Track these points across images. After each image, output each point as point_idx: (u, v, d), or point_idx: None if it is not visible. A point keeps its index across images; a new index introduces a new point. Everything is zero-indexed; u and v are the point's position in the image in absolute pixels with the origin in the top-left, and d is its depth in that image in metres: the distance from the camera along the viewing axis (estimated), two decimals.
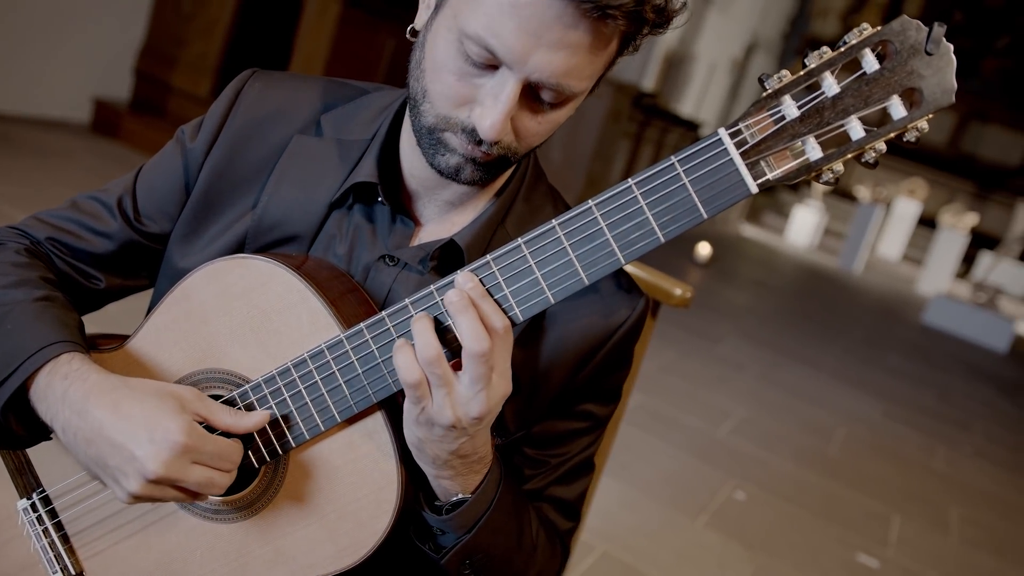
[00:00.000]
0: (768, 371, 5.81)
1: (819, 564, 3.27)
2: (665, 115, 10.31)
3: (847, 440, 4.85)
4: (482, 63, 0.90)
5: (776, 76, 0.80)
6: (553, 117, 0.95)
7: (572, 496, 1.15)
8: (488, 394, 0.88)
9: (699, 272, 8.76)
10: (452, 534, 1.00)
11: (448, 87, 0.93)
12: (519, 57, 0.87)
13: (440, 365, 0.87)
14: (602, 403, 1.13)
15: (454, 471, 0.95)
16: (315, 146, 1.10)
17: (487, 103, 0.91)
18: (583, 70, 0.90)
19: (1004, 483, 4.95)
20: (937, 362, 8.11)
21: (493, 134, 0.91)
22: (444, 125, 0.95)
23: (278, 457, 1.00)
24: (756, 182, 0.81)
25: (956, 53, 0.79)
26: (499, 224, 1.06)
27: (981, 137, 18.12)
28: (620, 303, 1.07)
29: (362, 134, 1.09)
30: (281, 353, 0.98)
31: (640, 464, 3.62)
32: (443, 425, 0.89)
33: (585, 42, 0.87)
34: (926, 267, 13.68)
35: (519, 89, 0.89)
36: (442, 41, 0.92)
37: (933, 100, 0.78)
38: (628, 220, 0.84)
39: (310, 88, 1.15)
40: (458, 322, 0.87)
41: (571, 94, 0.92)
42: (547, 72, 0.88)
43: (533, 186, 1.11)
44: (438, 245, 1.04)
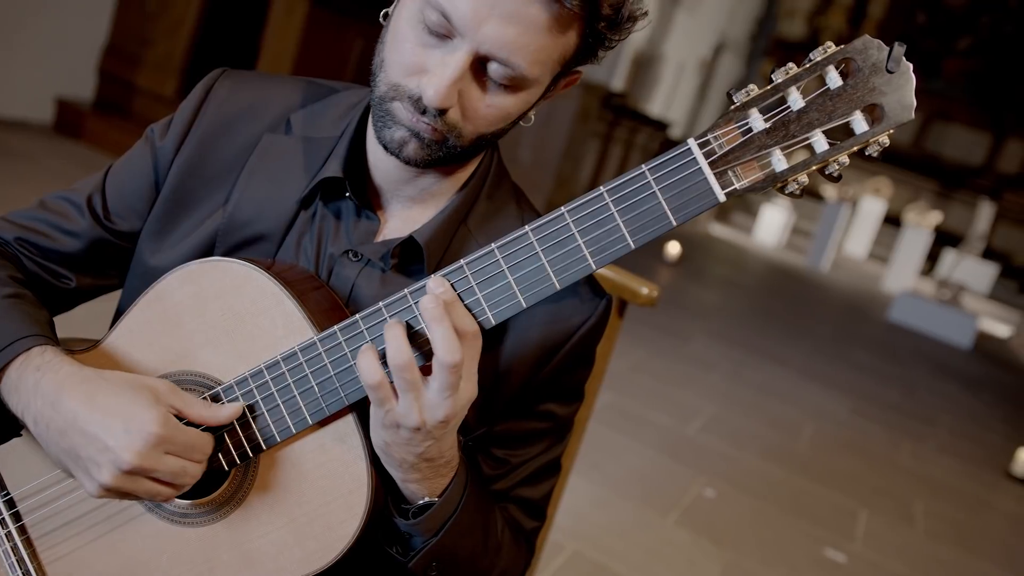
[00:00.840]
0: (737, 369, 5.88)
1: (787, 559, 3.32)
2: (634, 115, 10.37)
3: (815, 436, 4.92)
4: (438, 31, 0.92)
5: (744, 90, 0.83)
6: (502, 102, 0.97)
7: (538, 496, 1.16)
8: (455, 399, 0.90)
9: (669, 271, 8.84)
10: (419, 537, 1.01)
11: (403, 55, 0.95)
12: (471, 24, 0.89)
13: (411, 371, 0.89)
14: (564, 402, 1.14)
15: (421, 475, 0.97)
16: (284, 144, 1.11)
17: (435, 71, 0.93)
18: (535, 50, 0.91)
19: (967, 476, 5.05)
20: (903, 359, 8.25)
21: (437, 100, 0.92)
22: (394, 93, 0.97)
23: (248, 459, 1.00)
24: (724, 191, 0.83)
25: (919, 54, 0.82)
26: (461, 222, 1.07)
27: (944, 137, 18.43)
28: (583, 302, 1.08)
29: (331, 131, 1.11)
30: (254, 356, 0.98)
31: (610, 463, 3.65)
32: (408, 427, 0.91)
33: (539, 20, 0.89)
34: (891, 265, 13.89)
35: (468, 59, 0.91)
36: (406, 11, 0.95)
37: (894, 116, 0.81)
38: (599, 227, 0.87)
39: (280, 87, 1.16)
40: (432, 330, 0.88)
41: (520, 76, 0.93)
42: (497, 44, 0.90)
43: (496, 184, 1.12)
44: (398, 242, 1.05)
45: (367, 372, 0.90)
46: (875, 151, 0.83)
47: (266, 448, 0.99)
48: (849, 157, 0.83)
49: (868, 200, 16.24)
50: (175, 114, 1.15)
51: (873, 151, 0.83)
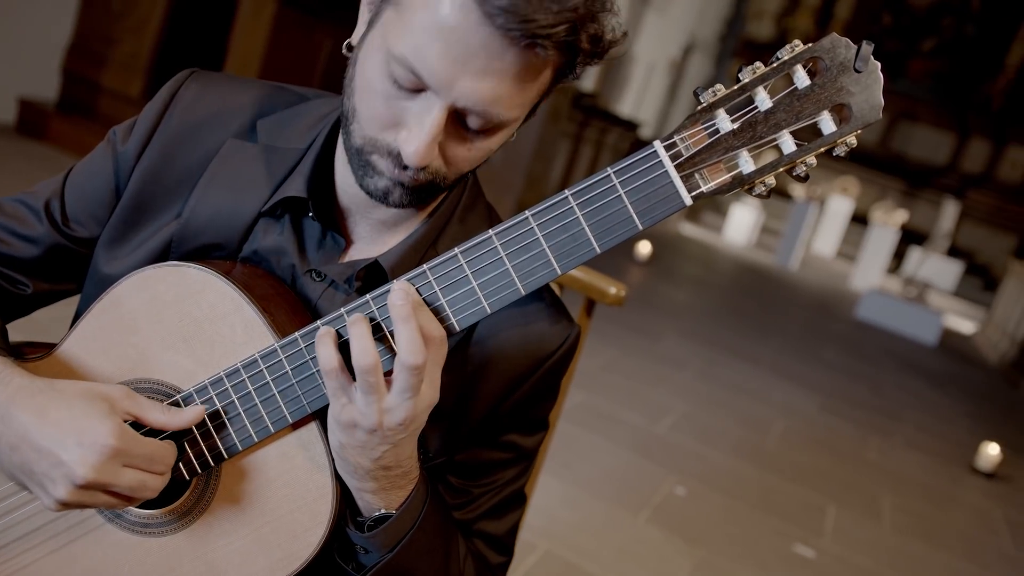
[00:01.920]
0: (707, 367, 5.91)
1: (757, 556, 3.34)
2: (605, 115, 10.40)
3: (784, 433, 4.96)
4: (409, 86, 0.88)
5: (711, 90, 0.82)
6: (483, 144, 0.94)
7: (502, 531, 1.13)
8: (415, 402, 0.87)
9: (639, 270, 8.86)
10: (375, 553, 0.98)
11: (375, 109, 0.91)
12: (444, 82, 0.85)
13: (375, 374, 0.86)
14: (528, 434, 1.11)
15: (377, 484, 0.94)
16: (248, 152, 1.07)
17: (413, 128, 0.89)
18: (511, 99, 0.88)
19: (933, 471, 5.12)
20: (870, 356, 8.34)
21: (417, 160, 0.89)
22: (371, 147, 0.93)
23: (210, 469, 0.98)
24: (691, 194, 0.82)
25: (885, 54, 0.81)
26: (430, 246, 1.04)
27: (910, 137, 18.66)
28: (551, 332, 1.05)
29: (297, 143, 1.07)
30: (214, 363, 0.96)
31: (581, 462, 3.65)
32: (365, 428, 0.88)
33: (513, 70, 0.85)
34: (859, 263, 14.05)
35: (444, 115, 0.88)
36: (372, 61, 0.90)
37: (861, 116, 0.81)
38: (565, 231, 0.85)
39: (249, 91, 1.12)
40: (399, 330, 0.85)
41: (500, 122, 0.91)
42: (473, 99, 0.86)
43: (470, 207, 1.09)
44: (363, 265, 1.02)
45: (325, 358, 0.87)
46: (843, 151, 0.82)
47: (228, 457, 0.97)
48: (817, 158, 0.82)
49: (836, 199, 16.41)
50: (139, 117, 1.11)
51: (841, 151, 0.82)
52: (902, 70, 18.65)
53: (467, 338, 1.04)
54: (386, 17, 0.89)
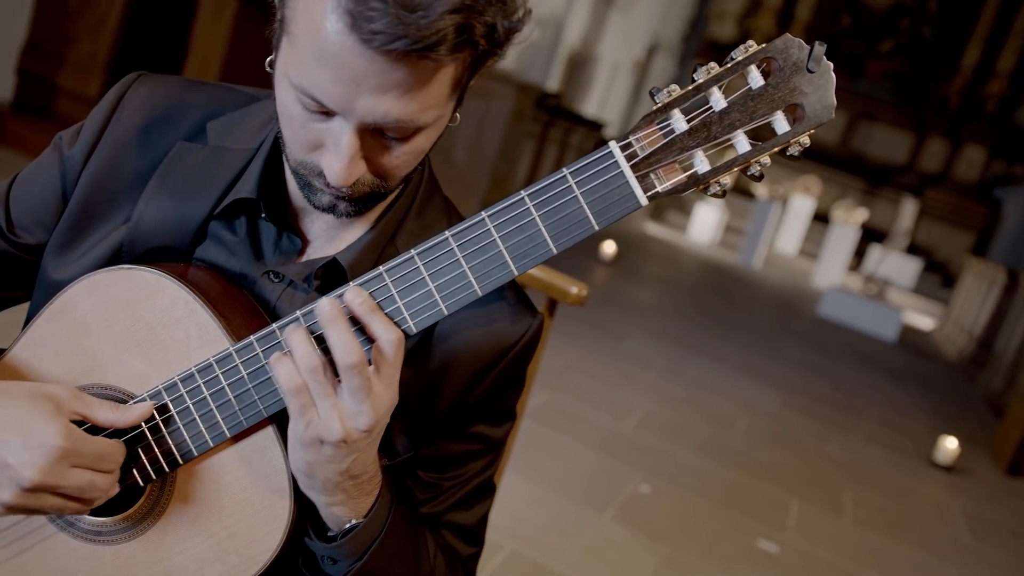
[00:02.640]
0: (672, 366, 5.95)
1: (721, 551, 3.36)
2: (569, 115, 10.43)
3: (748, 430, 5.00)
4: (317, 110, 0.87)
5: (666, 90, 0.82)
6: (409, 149, 0.92)
7: (472, 521, 1.13)
8: (373, 404, 0.86)
9: (604, 270, 8.90)
10: (344, 562, 0.97)
11: (296, 133, 0.91)
12: (343, 106, 0.85)
13: (323, 374, 0.86)
14: (495, 424, 1.11)
15: (346, 494, 0.93)
16: (198, 154, 1.06)
17: (331, 150, 0.89)
18: (419, 105, 0.86)
19: (893, 465, 5.20)
20: (832, 352, 8.45)
21: (340, 180, 0.89)
22: (304, 169, 0.94)
23: (165, 474, 0.97)
24: (646, 194, 0.82)
25: (844, 55, 0.82)
26: (388, 242, 1.04)
27: (870, 136, 18.95)
28: (514, 323, 1.05)
29: (247, 144, 1.06)
30: (168, 367, 0.95)
31: (547, 462, 3.65)
32: (332, 441, 0.87)
33: (411, 80, 0.83)
34: (820, 261, 14.24)
35: (356, 134, 0.87)
36: (282, 88, 0.90)
37: (814, 116, 0.81)
38: (521, 232, 0.85)
39: (198, 93, 1.10)
40: (328, 335, 0.85)
41: (416, 127, 0.89)
42: (378, 115, 0.85)
43: (427, 201, 1.08)
44: (321, 263, 1.01)
45: (285, 378, 0.86)
46: (796, 151, 0.83)
47: (183, 462, 0.96)
48: (771, 157, 0.83)
49: (798, 198, 16.62)
50: (85, 121, 1.09)
51: (794, 151, 0.83)
52: (861, 71, 18.93)
53: (429, 333, 1.03)
54: (284, 46, 0.89)
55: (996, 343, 8.68)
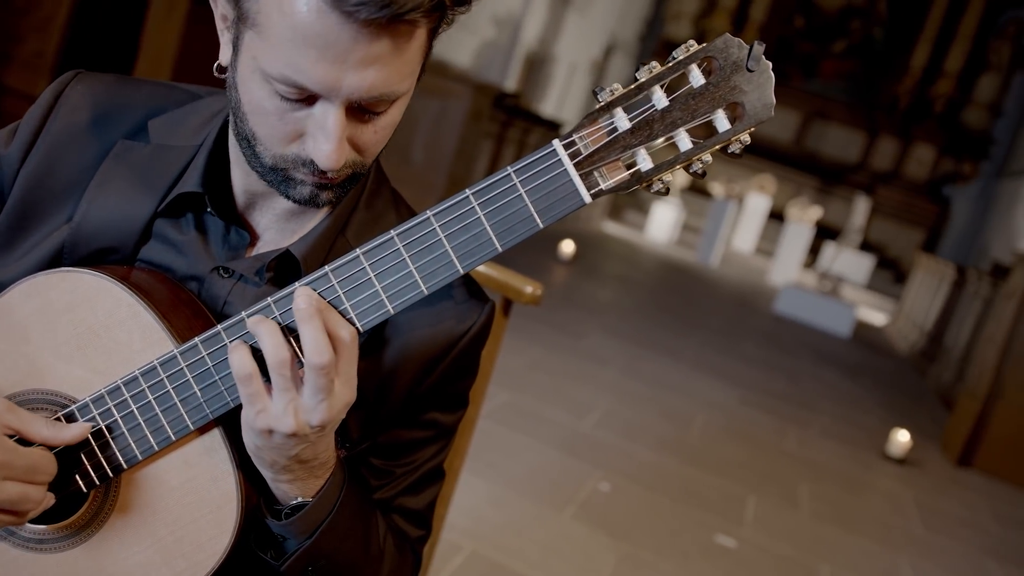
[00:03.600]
0: (631, 364, 5.99)
1: (680, 548, 3.40)
2: (527, 115, 10.45)
3: (706, 427, 5.06)
4: (298, 98, 0.88)
5: (608, 89, 0.83)
6: (387, 122, 0.94)
7: (421, 505, 1.14)
8: (330, 403, 0.87)
9: (563, 269, 8.94)
10: (293, 540, 0.98)
11: (274, 128, 0.91)
12: (330, 86, 0.85)
13: (290, 368, 0.86)
14: (448, 411, 1.12)
15: (293, 475, 0.93)
16: (139, 152, 1.04)
17: (318, 136, 0.89)
18: (399, 74, 0.88)
19: (847, 459, 5.29)
20: (787, 348, 8.57)
21: (331, 163, 0.89)
22: (284, 163, 0.93)
23: (109, 480, 0.95)
24: (590, 192, 0.83)
25: (798, 56, 0.83)
26: (339, 233, 1.04)
27: (823, 135, 19.24)
28: (466, 310, 1.06)
29: (190, 140, 1.05)
30: (111, 371, 0.93)
31: (507, 461, 3.66)
32: (283, 432, 0.87)
33: (391, 49, 0.85)
34: (776, 259, 14.43)
35: (343, 114, 0.88)
36: (252, 84, 0.89)
37: (754, 114, 0.83)
38: (466, 231, 0.85)
39: (138, 91, 1.09)
40: (303, 331, 0.85)
41: (396, 97, 0.91)
42: (364, 90, 0.86)
43: (375, 192, 1.09)
44: (274, 256, 1.01)
45: (239, 365, 0.86)
46: (737, 148, 0.84)
47: (127, 468, 0.94)
48: (712, 155, 0.84)
49: (754, 197, 16.82)
50: (21, 120, 1.07)
51: (735, 148, 0.84)
52: (814, 71, 19.23)
53: (383, 324, 1.04)
54: (249, 40, 0.88)
55: (946, 338, 8.87)
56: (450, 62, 10.69)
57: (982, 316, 7.43)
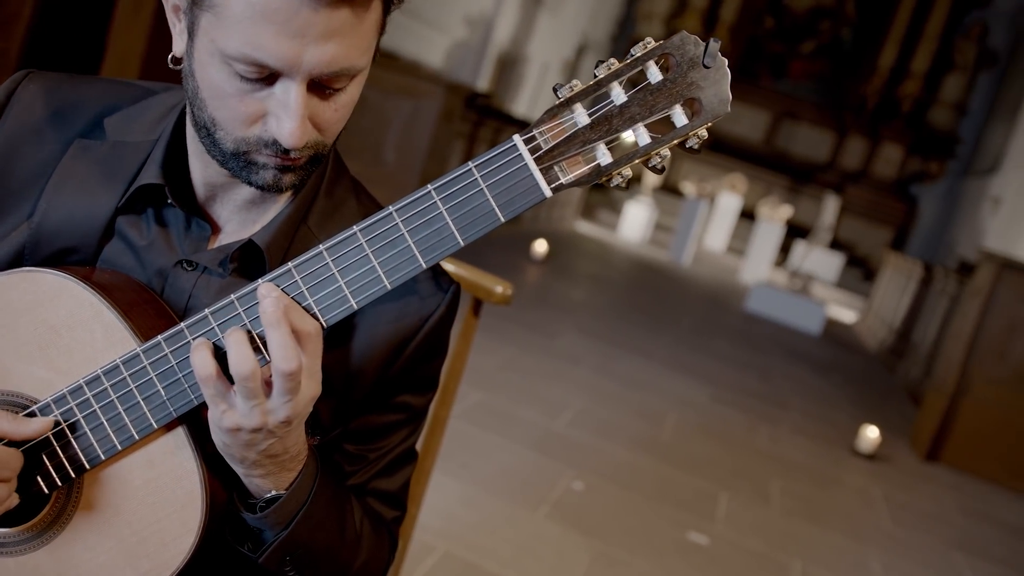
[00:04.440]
0: (603, 363, 6.02)
1: (653, 545, 3.42)
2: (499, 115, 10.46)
3: (678, 424, 5.09)
4: (258, 77, 0.88)
5: (568, 85, 0.84)
6: (347, 99, 0.95)
7: (395, 487, 1.15)
8: (296, 400, 0.87)
9: (536, 269, 8.95)
10: (269, 531, 0.98)
11: (234, 110, 0.91)
12: (291, 62, 0.86)
13: (254, 380, 0.86)
14: (419, 393, 1.13)
15: (265, 470, 0.94)
16: (96, 150, 1.04)
17: (280, 114, 0.90)
18: (358, 47, 0.90)
19: (818, 455, 5.35)
20: (759, 346, 8.65)
21: (295, 141, 0.90)
22: (246, 147, 0.93)
23: (71, 480, 0.94)
24: (550, 186, 0.84)
25: (769, 56, 0.84)
26: (301, 221, 1.04)
27: (793, 135, 19.43)
28: (430, 293, 1.08)
29: (147, 135, 1.05)
30: (73, 371, 0.92)
31: (479, 461, 3.66)
32: (248, 429, 0.88)
33: (350, 21, 0.87)
34: (747, 257, 14.54)
35: (305, 90, 0.89)
36: (211, 68, 0.90)
37: (711, 109, 0.84)
38: (429, 226, 0.86)
39: (92, 89, 1.09)
40: (270, 337, 0.85)
41: (355, 72, 0.92)
42: (324, 65, 0.87)
43: (335, 180, 1.09)
44: (237, 247, 1.01)
45: (201, 365, 0.86)
46: (695, 143, 0.85)
47: (90, 468, 0.93)
48: (671, 150, 0.85)
49: (725, 196, 16.95)
50: None
51: (693, 144, 0.85)
52: (784, 71, 19.42)
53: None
54: (205, 23, 0.89)
55: (914, 334, 8.99)
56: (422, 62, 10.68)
57: (949, 313, 7.54)
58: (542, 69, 16.42)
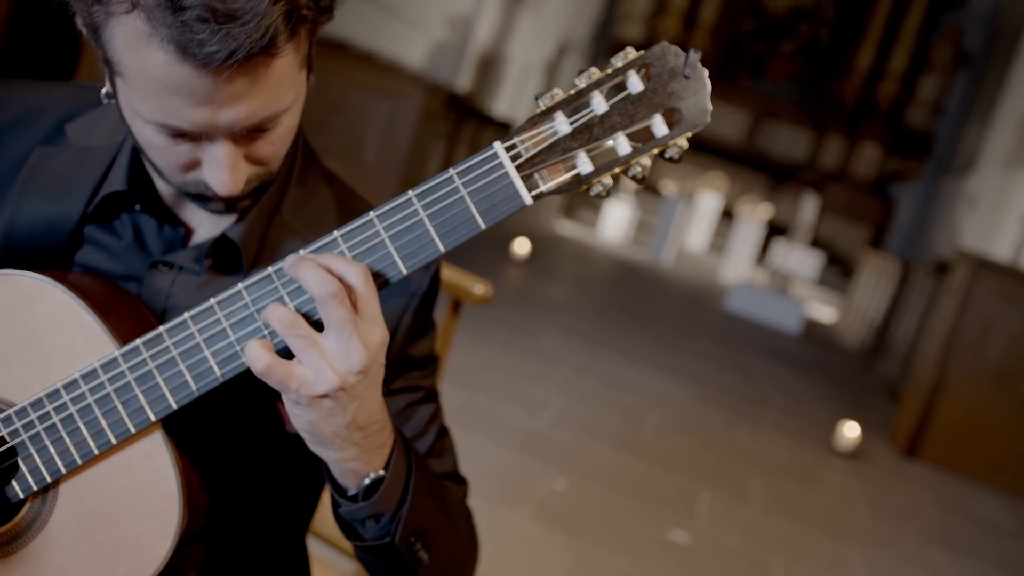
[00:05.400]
0: (585, 362, 6.03)
1: (634, 544, 3.43)
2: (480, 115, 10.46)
3: (659, 423, 5.11)
4: (181, 136, 0.88)
5: (549, 94, 0.85)
6: (281, 132, 0.94)
7: (451, 466, 1.18)
8: (363, 340, 0.84)
9: (518, 269, 8.96)
10: (385, 515, 0.94)
11: (168, 160, 0.91)
12: (207, 126, 0.86)
13: (301, 326, 0.83)
14: (422, 369, 1.14)
15: (358, 448, 0.90)
16: (60, 157, 1.04)
17: (211, 166, 0.90)
18: (276, 96, 0.87)
19: (797, 453, 5.39)
20: (739, 346, 8.69)
21: (229, 190, 0.90)
22: (189, 188, 0.94)
23: (47, 486, 0.94)
24: (531, 194, 0.85)
25: (748, 57, 0.85)
26: (274, 212, 1.04)
27: (773, 134, 19.54)
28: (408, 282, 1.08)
29: (110, 139, 1.04)
30: (51, 375, 0.92)
31: (461, 461, 3.64)
32: (329, 389, 0.84)
33: (262, 78, 0.84)
34: (728, 257, 14.61)
35: (230, 143, 0.88)
36: (137, 124, 0.90)
37: (691, 119, 0.85)
38: (410, 232, 0.86)
39: (52, 94, 1.08)
40: (299, 275, 0.83)
41: (283, 112, 0.91)
42: (243, 121, 0.86)
43: (306, 169, 1.09)
44: (210, 242, 1.01)
45: (254, 360, 0.84)
46: (675, 153, 0.86)
47: (66, 472, 0.93)
48: (650, 159, 0.86)
49: (706, 195, 17.02)
50: None
51: (673, 153, 0.86)
52: (764, 71, 19.53)
53: None
54: (120, 87, 0.89)
55: (892, 333, 9.07)
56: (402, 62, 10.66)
57: (926, 311, 7.61)
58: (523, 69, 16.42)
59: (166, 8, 0.78)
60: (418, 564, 0.98)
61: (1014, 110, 12.71)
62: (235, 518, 1.10)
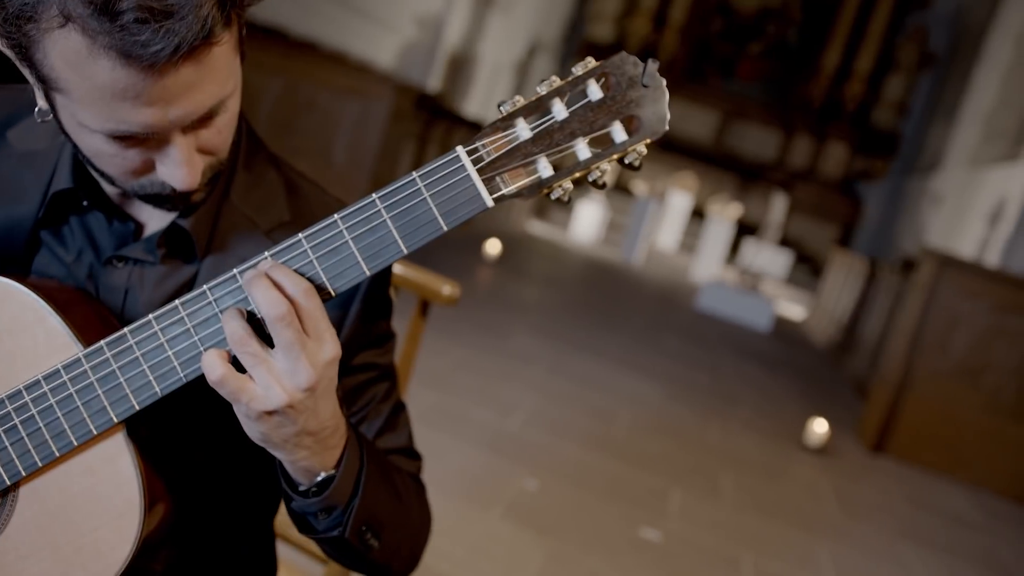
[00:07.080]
0: (557, 362, 6.06)
1: (605, 542, 3.46)
2: (450, 115, 10.46)
3: (630, 422, 5.15)
4: (132, 140, 0.89)
5: (511, 100, 0.86)
6: (228, 117, 0.95)
7: (404, 442, 1.19)
8: (311, 360, 0.86)
9: (489, 270, 8.97)
10: (338, 508, 0.97)
11: (120, 167, 0.92)
12: (158, 125, 0.86)
13: (251, 344, 0.85)
14: (377, 348, 1.15)
15: (308, 450, 0.92)
16: (5, 163, 1.04)
17: (167, 164, 0.91)
18: (219, 82, 0.89)
19: (767, 450, 5.45)
20: (710, 344, 8.77)
21: (189, 184, 0.92)
22: (143, 191, 0.95)
23: (6, 488, 0.94)
24: (492, 196, 0.86)
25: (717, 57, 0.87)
26: (223, 198, 1.05)
27: (742, 134, 19.72)
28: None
29: (53, 139, 1.04)
30: (14, 376, 0.92)
31: (432, 462, 3.66)
32: (278, 406, 0.86)
33: (205, 67, 0.86)
34: (698, 255, 14.73)
35: (183, 137, 0.90)
36: (83, 136, 0.90)
37: (649, 127, 0.87)
38: (372, 233, 0.88)
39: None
40: (251, 293, 0.85)
41: (227, 98, 0.92)
42: (192, 112, 0.88)
43: (252, 153, 1.10)
44: (161, 232, 1.02)
45: (209, 369, 0.85)
46: (635, 159, 0.88)
47: (26, 474, 0.93)
48: (610, 164, 0.88)
49: (676, 195, 17.14)
50: None
51: (632, 159, 0.88)
52: (732, 71, 19.70)
53: None
54: (60, 102, 0.88)
55: (860, 330, 9.19)
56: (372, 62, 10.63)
57: (893, 308, 7.73)
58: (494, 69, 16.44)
59: (101, 16, 0.78)
60: (368, 551, 1.02)
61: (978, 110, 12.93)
62: (199, 518, 1.11)
